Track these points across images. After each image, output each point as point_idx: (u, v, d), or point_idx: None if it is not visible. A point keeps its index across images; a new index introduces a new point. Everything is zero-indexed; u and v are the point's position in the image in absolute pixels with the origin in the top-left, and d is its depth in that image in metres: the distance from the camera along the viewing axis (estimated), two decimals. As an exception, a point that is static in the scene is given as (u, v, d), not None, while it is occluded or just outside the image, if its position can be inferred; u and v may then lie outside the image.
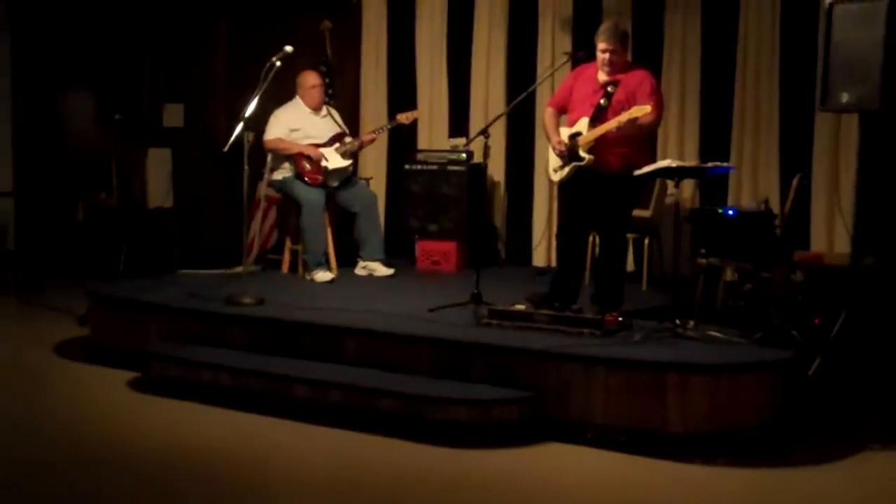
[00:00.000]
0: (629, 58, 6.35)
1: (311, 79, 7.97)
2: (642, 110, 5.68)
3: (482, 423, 5.13)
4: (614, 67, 6.07)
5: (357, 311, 6.23)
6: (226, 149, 6.50)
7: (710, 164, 5.79)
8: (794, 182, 5.76)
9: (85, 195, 10.26)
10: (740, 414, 5.04)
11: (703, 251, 5.94)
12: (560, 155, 6.12)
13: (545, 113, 6.44)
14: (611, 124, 5.83)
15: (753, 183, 7.95)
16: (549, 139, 6.26)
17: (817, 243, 7.62)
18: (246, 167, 6.53)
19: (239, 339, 6.17)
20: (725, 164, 6.80)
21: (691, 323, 5.73)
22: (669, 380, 4.99)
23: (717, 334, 5.60)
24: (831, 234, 7.73)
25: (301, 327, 6.00)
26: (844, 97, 5.31)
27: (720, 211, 5.99)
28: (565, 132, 6.18)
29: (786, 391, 5.22)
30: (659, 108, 5.93)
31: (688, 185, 8.08)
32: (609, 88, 6.02)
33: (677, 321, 5.68)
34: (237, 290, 6.53)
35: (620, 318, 5.75)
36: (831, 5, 5.43)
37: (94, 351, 6.81)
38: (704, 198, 8.06)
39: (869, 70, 5.18)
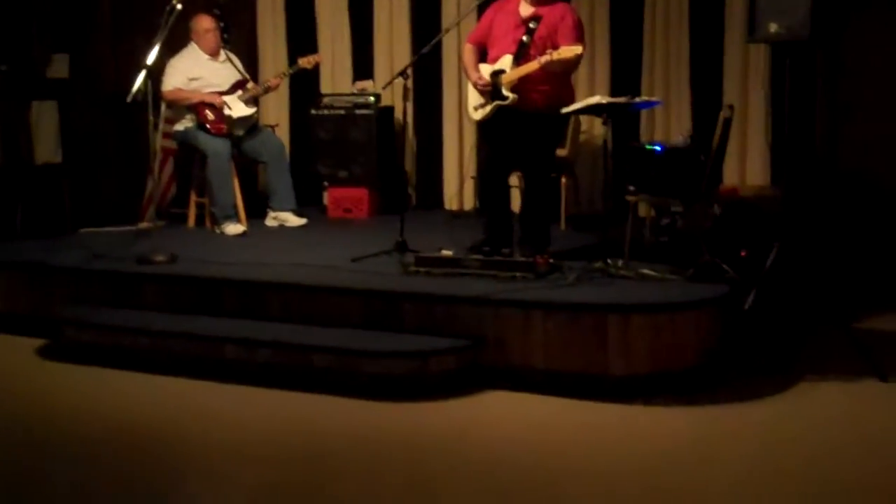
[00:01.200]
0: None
1: (204, 22, 7.62)
2: (572, 51, 5.52)
3: (420, 374, 4.99)
4: None
5: (277, 265, 5.99)
6: (129, 99, 6.13)
7: (638, 99, 5.67)
8: (721, 115, 5.69)
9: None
10: (680, 353, 4.98)
11: (631, 188, 5.84)
12: (482, 92, 5.93)
13: (464, 49, 6.23)
14: (533, 65, 5.67)
15: (665, 117, 7.90)
16: (468, 76, 6.05)
17: (729, 176, 7.62)
18: (151, 118, 6.19)
19: (154, 300, 5.88)
20: (653, 99, 6.72)
21: (620, 262, 5.66)
22: (610, 321, 4.90)
23: (651, 272, 5.53)
24: (743, 166, 7.75)
25: (221, 284, 5.74)
26: (773, 27, 5.22)
27: (648, 147, 5.90)
28: (486, 69, 5.98)
29: (724, 327, 5.19)
30: (582, 43, 5.77)
31: (597, 122, 7.98)
32: (531, 24, 5.85)
33: (608, 260, 5.60)
34: (147, 248, 6.22)
35: (551, 260, 5.65)
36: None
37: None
38: (618, 133, 7.96)
39: (801, -1, 5.12)
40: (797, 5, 5.12)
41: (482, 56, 6.10)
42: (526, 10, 5.92)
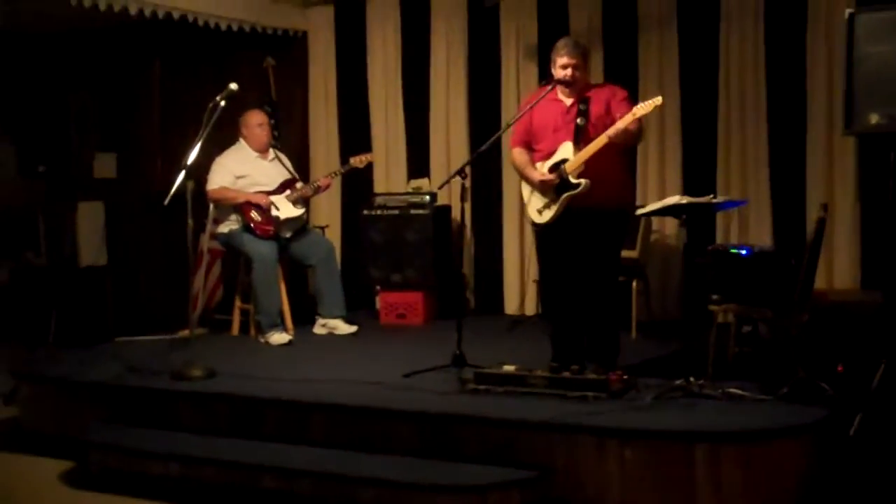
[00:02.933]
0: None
1: (255, 117, 7.26)
2: (652, 104, 5.07)
3: (479, 511, 4.40)
4: (578, 86, 5.44)
5: (322, 382, 5.49)
6: (167, 201, 5.74)
7: (721, 199, 5.13)
8: (817, 215, 5.13)
9: (9, 255, 9.37)
10: (777, 487, 4.36)
11: (715, 297, 5.27)
12: (545, 191, 5.42)
13: (513, 155, 5.71)
14: (604, 137, 5.18)
15: (743, 218, 7.33)
16: (529, 177, 5.53)
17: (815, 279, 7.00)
18: (189, 221, 5.79)
19: (190, 420, 5.39)
20: (738, 199, 6.19)
21: (703, 379, 5.07)
22: (697, 452, 4.30)
23: (739, 391, 4.93)
24: (830, 268, 7.14)
25: (260, 403, 5.23)
26: (874, 118, 4.69)
27: (733, 251, 5.34)
28: (543, 166, 5.48)
29: (825, 455, 4.55)
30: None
31: (671, 223, 7.46)
32: (581, 106, 5.39)
33: (691, 379, 5.01)
34: (184, 362, 5.75)
35: (625, 377, 5.08)
36: (852, 15, 4.81)
37: (21, 436, 5.95)
38: (691, 236, 7.41)
39: (903, 87, 4.59)
40: (903, 94, 4.58)
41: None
42: (566, 98, 5.49)
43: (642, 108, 5.10)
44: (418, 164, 8.43)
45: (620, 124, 5.14)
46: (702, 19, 7.43)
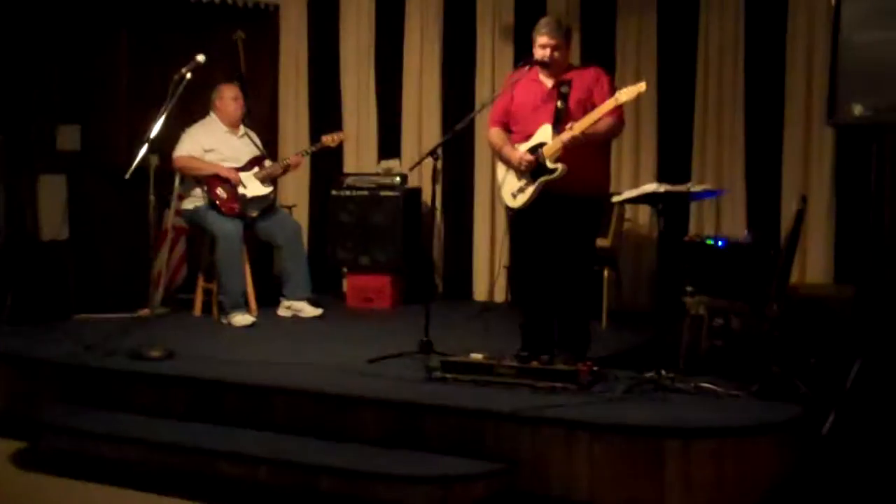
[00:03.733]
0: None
1: (230, 91, 7.11)
2: (636, 89, 4.92)
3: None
4: (558, 67, 5.29)
5: (285, 364, 5.34)
6: (128, 175, 5.55)
7: (700, 188, 5.01)
8: (795, 207, 5.01)
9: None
10: (748, 485, 4.25)
11: (689, 289, 5.15)
12: (522, 173, 5.28)
13: (490, 134, 5.54)
14: (586, 121, 5.03)
15: (716, 208, 7.22)
16: (508, 158, 5.35)
17: (789, 272, 6.91)
18: (151, 196, 5.62)
19: (147, 402, 5.21)
20: (717, 188, 6.07)
21: (674, 372, 4.96)
22: (668, 448, 4.19)
23: (711, 386, 4.82)
24: (802, 261, 7.04)
25: (219, 386, 5.06)
26: (857, 109, 4.56)
27: (709, 241, 5.22)
28: (521, 147, 5.33)
29: (797, 453, 4.45)
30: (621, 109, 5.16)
31: (644, 211, 7.35)
32: (563, 89, 5.23)
33: (662, 371, 4.90)
34: (142, 341, 5.58)
35: (595, 368, 4.96)
36: (839, 1, 4.67)
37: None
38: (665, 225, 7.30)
39: (888, 77, 4.44)
40: (888, 85, 4.45)
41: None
42: (547, 79, 5.33)
43: (625, 94, 4.94)
44: (390, 144, 8.26)
45: (596, 113, 5.00)
46: (681, 4, 7.30)
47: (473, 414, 4.51)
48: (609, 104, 4.99)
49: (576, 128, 5.04)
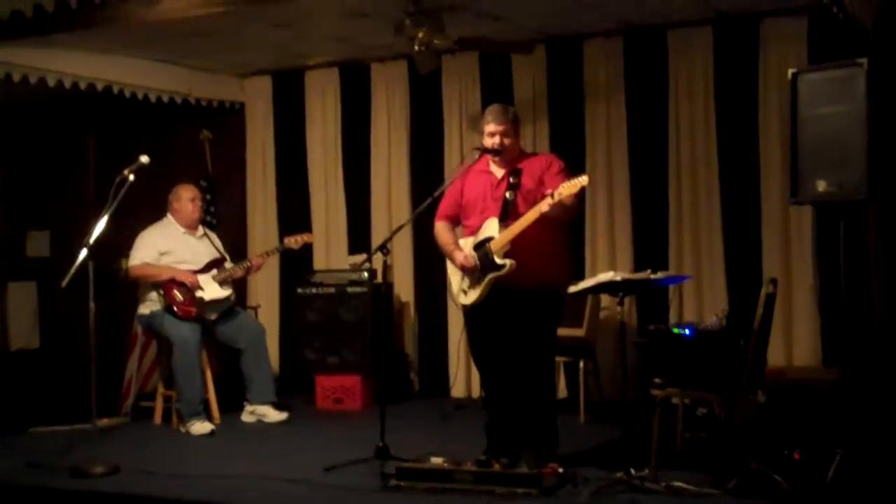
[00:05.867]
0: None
1: (188, 192, 6.88)
2: (578, 183, 4.63)
3: None
4: (509, 155, 5.06)
5: (234, 478, 5.03)
6: (64, 283, 5.36)
7: (661, 274, 4.73)
8: (764, 290, 4.73)
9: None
10: None
11: (657, 381, 4.84)
12: (469, 270, 5.03)
13: (436, 230, 5.32)
14: (531, 215, 4.77)
15: (698, 295, 6.96)
16: (450, 258, 5.15)
17: (773, 356, 6.59)
18: (91, 303, 5.40)
19: (85, 522, 4.89)
20: (679, 274, 5.81)
21: (646, 469, 4.64)
22: (633, 558, 3.86)
23: (684, 485, 4.50)
24: (789, 344, 6.77)
25: (160, 504, 4.75)
26: (821, 185, 4.31)
27: (676, 331, 4.93)
28: (468, 243, 5.10)
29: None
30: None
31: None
32: (511, 179, 5.00)
33: (632, 471, 4.58)
34: (92, 455, 5.29)
35: (560, 470, 4.64)
36: (795, 75, 4.44)
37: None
38: (644, 312, 7.03)
39: (850, 151, 4.20)
40: (850, 159, 4.20)
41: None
42: (498, 169, 5.10)
43: (566, 189, 4.65)
44: (360, 239, 8.03)
45: (533, 214, 4.75)
46: (650, 86, 7.15)
47: (425, 527, 4.19)
48: (544, 203, 4.71)
49: (514, 227, 4.82)
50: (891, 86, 4.49)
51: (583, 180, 4.63)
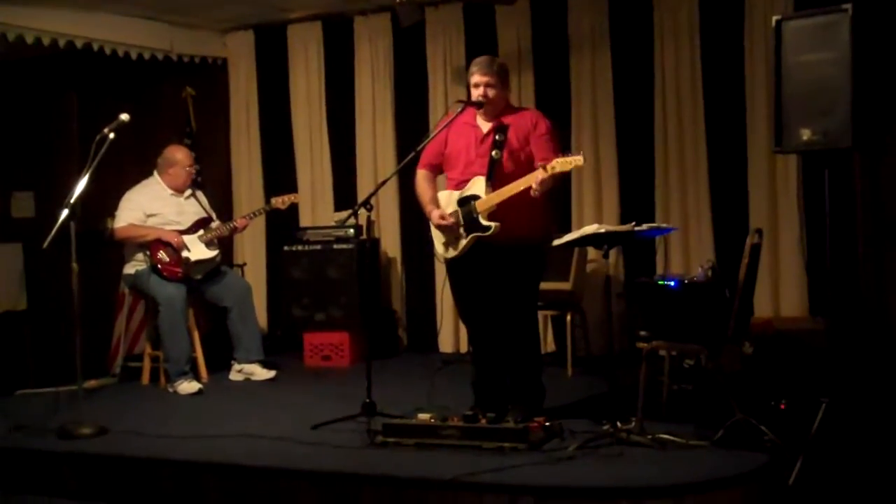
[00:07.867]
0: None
1: (180, 155, 6.77)
2: (571, 162, 4.56)
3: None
4: (495, 107, 5.00)
5: (222, 436, 5.01)
6: (45, 244, 5.32)
7: (645, 226, 4.70)
8: (749, 241, 4.70)
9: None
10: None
11: (643, 333, 4.83)
12: (447, 228, 5.00)
13: (416, 178, 5.26)
14: (520, 184, 4.73)
15: (684, 246, 6.93)
16: (427, 214, 5.12)
17: (761, 307, 6.60)
18: (74, 264, 5.36)
19: (76, 485, 4.86)
20: (665, 225, 5.77)
21: (633, 422, 4.64)
22: (620, 511, 3.86)
23: (670, 437, 4.50)
24: (776, 294, 6.76)
25: (147, 465, 4.73)
26: (805, 134, 4.25)
27: (661, 283, 4.91)
28: (451, 197, 5.06)
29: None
30: (561, 152, 4.80)
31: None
32: (497, 136, 4.94)
33: (619, 423, 4.58)
34: (74, 418, 5.26)
35: (547, 423, 4.64)
36: (779, 22, 4.38)
37: None
38: (630, 264, 7.02)
39: (834, 99, 4.15)
40: (834, 106, 4.15)
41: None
42: (484, 123, 5.04)
43: (560, 165, 4.60)
44: (346, 195, 7.98)
45: (522, 183, 4.70)
46: (635, 37, 7.08)
47: (411, 483, 4.19)
48: (536, 175, 4.65)
49: (503, 192, 4.79)
50: (876, 32, 4.44)
51: (578, 160, 4.57)
